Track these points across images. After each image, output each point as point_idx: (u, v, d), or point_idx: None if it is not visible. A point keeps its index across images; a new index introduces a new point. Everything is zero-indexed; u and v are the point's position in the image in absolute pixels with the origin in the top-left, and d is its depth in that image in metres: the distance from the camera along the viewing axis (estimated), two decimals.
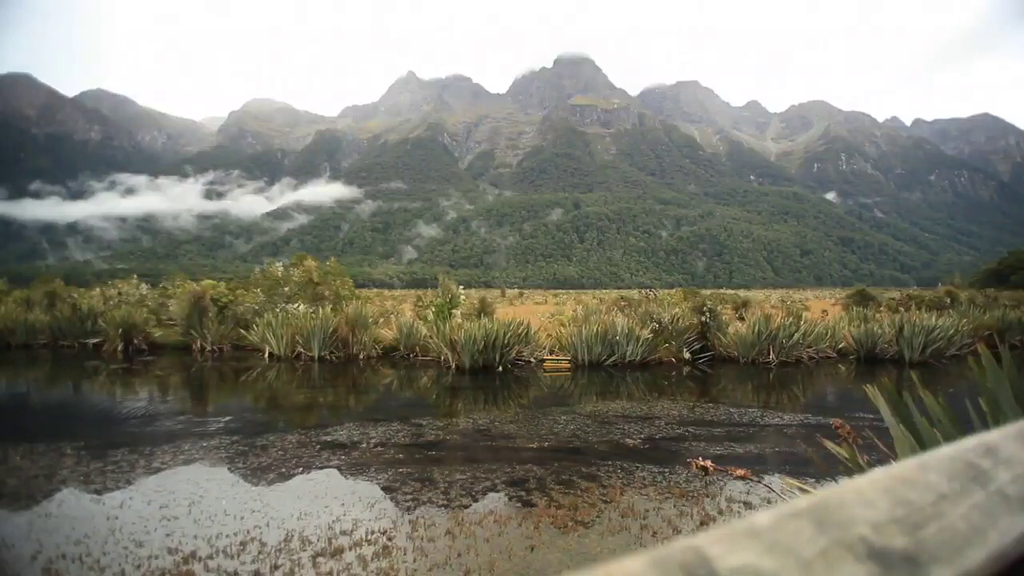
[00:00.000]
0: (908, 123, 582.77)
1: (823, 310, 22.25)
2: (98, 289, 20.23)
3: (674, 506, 4.54)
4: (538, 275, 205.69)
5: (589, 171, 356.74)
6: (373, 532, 3.98)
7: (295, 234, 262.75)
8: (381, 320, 15.85)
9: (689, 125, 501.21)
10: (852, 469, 2.03)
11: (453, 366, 12.31)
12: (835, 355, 14.44)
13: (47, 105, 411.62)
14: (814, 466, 5.45)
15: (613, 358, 12.86)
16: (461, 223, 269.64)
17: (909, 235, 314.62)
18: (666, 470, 5.48)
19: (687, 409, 8.41)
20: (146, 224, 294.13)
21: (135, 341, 15.75)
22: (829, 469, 4.77)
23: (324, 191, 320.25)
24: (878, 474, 0.45)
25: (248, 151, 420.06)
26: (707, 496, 4.79)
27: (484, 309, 15.93)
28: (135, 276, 22.22)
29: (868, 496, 0.42)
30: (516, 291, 79.28)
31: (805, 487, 2.05)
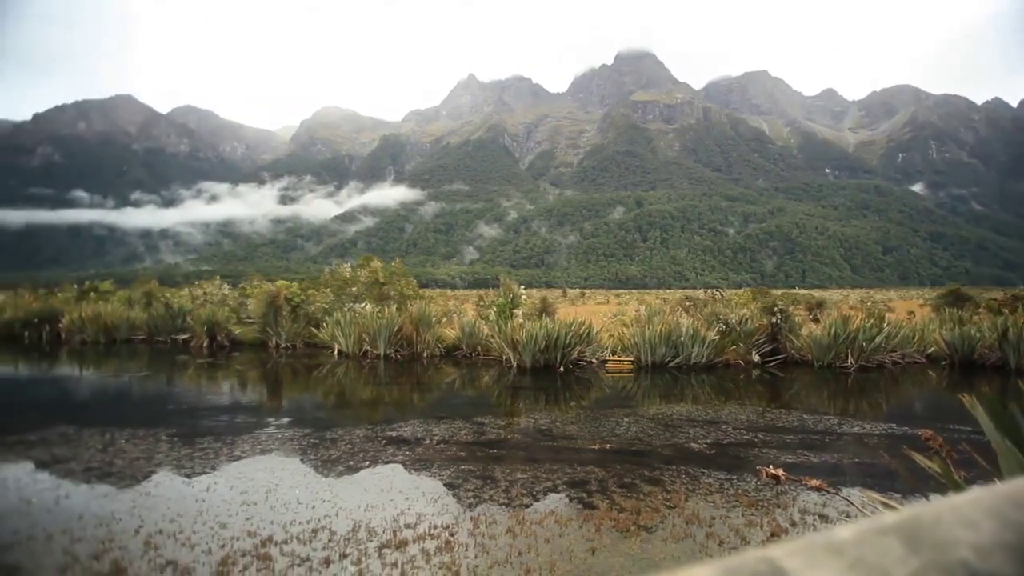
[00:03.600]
0: (1014, 103, 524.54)
1: (909, 311, 20.69)
2: (186, 289, 21.90)
3: (742, 515, 4.35)
4: (600, 275, 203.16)
5: (651, 168, 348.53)
6: (436, 527, 4.07)
7: (362, 236, 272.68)
8: (444, 319, 16.17)
9: (757, 118, 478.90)
10: (946, 486, 1.87)
11: (514, 365, 12.38)
12: (924, 360, 13.37)
13: (145, 122, 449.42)
14: (900, 480, 5.08)
15: (677, 360, 12.51)
16: (522, 223, 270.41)
17: (1015, 229, 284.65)
18: (733, 477, 5.26)
19: (756, 414, 8.05)
20: (226, 229, 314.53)
21: (218, 338, 16.89)
22: (918, 484, 4.43)
23: (389, 194, 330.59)
24: (980, 493, 0.40)
25: (318, 157, 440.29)
26: (778, 506, 4.56)
27: (545, 309, 15.92)
28: (217, 277, 23.85)
29: (969, 516, 0.37)
30: (577, 291, 78.70)
31: (890, 502, 1.90)
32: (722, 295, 17.84)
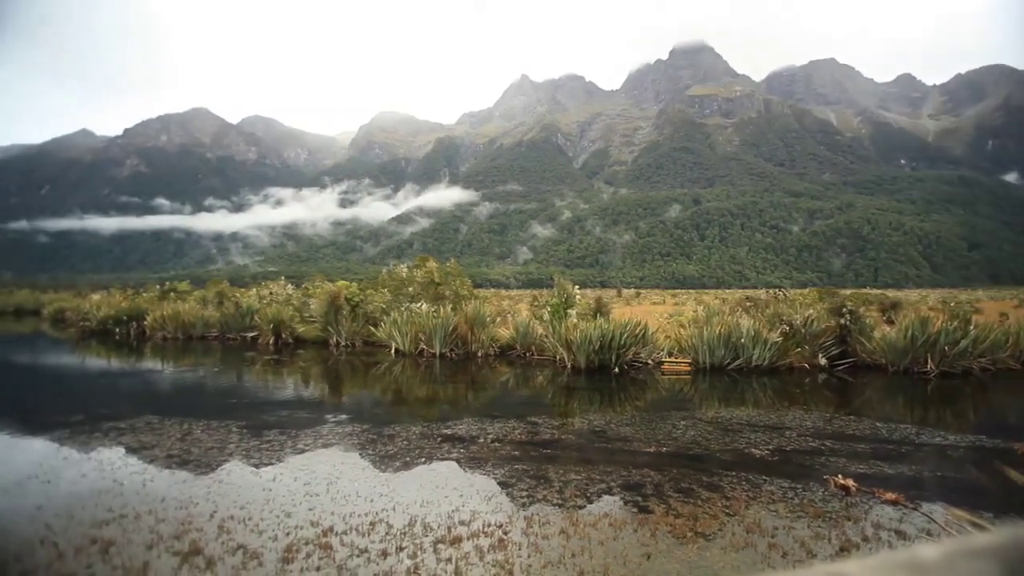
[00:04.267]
0: None
1: (1002, 313, 19.07)
2: (254, 290, 23.12)
3: (808, 526, 4.15)
4: (656, 274, 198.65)
5: (709, 164, 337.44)
6: (490, 525, 4.11)
7: (417, 237, 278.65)
8: (498, 319, 16.29)
9: (824, 108, 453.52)
10: None
11: (568, 366, 12.32)
12: (1020, 367, 12.27)
13: (217, 132, 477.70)
14: (990, 497, 4.70)
15: (737, 362, 12.06)
16: (576, 223, 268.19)
17: None
18: (798, 486, 5.02)
19: (823, 420, 7.64)
20: (290, 231, 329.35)
21: (283, 335, 17.72)
22: (1012, 503, 4.08)
23: (444, 195, 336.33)
24: None
25: (376, 161, 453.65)
26: (848, 519, 4.31)
27: (600, 309, 15.74)
28: (282, 278, 25.08)
29: None
30: (633, 291, 77.39)
31: (980, 522, 1.74)
32: (785, 295, 17.07)
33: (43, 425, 7.25)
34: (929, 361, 11.54)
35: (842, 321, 13.00)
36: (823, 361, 12.28)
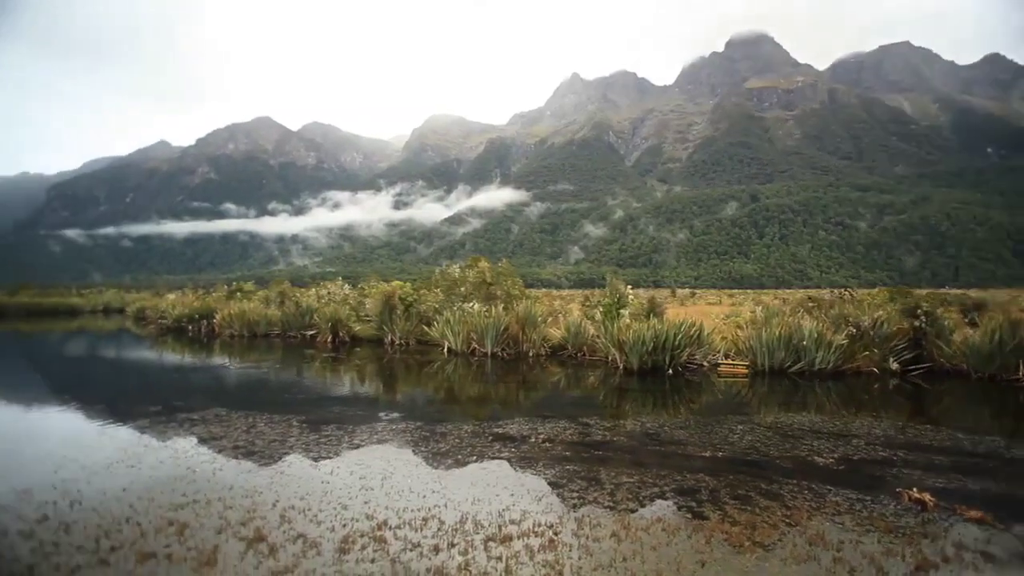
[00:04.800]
0: None
1: None
2: (313, 290, 24.08)
3: (878, 541, 3.91)
4: (711, 274, 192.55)
5: (768, 160, 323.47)
6: (540, 525, 4.11)
7: (469, 238, 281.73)
8: (549, 319, 16.25)
9: (897, 96, 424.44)
10: None
11: (621, 367, 12.14)
12: None
13: (279, 139, 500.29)
14: None
15: (799, 365, 11.52)
16: (628, 221, 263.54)
17: None
18: (867, 498, 4.74)
19: (895, 429, 7.19)
20: (346, 233, 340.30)
21: (340, 334, 18.35)
22: None
23: (495, 196, 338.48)
24: None
25: (429, 163, 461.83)
26: (925, 536, 4.03)
27: (653, 309, 15.42)
28: (339, 278, 25.98)
29: None
30: (687, 291, 75.47)
31: None
32: (851, 295, 16.16)
33: (128, 414, 7.81)
34: (1021, 367, 10.62)
35: (916, 323, 12.18)
36: (894, 366, 11.55)
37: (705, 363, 12.39)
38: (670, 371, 11.64)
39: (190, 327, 22.56)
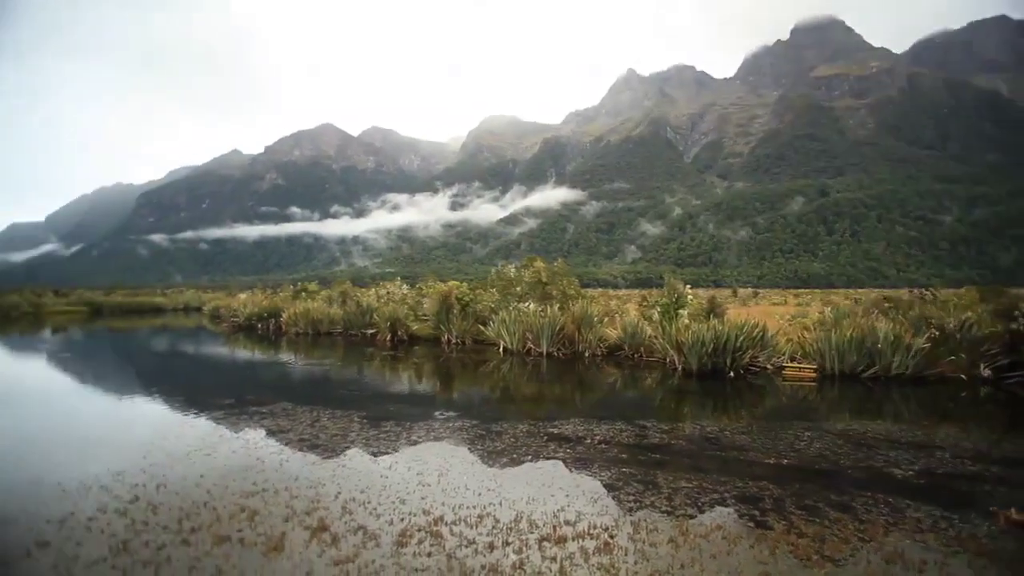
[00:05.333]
0: None
1: None
2: (373, 290, 24.85)
3: (968, 565, 3.60)
4: (775, 273, 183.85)
5: (838, 152, 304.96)
6: (595, 527, 4.06)
7: (525, 238, 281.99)
8: (606, 319, 16.06)
9: (991, 76, 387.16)
10: None
11: (679, 368, 11.83)
12: None
13: (341, 144, 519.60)
14: None
15: (873, 370, 10.82)
16: (687, 219, 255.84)
17: None
18: (954, 516, 4.39)
19: (988, 442, 6.63)
20: (404, 234, 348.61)
21: (399, 332, 18.84)
22: None
23: (551, 195, 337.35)
24: None
25: (484, 164, 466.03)
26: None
27: (713, 309, 14.94)
28: (398, 278, 26.68)
29: None
30: (750, 290, 72.65)
31: None
32: (934, 295, 15.06)
33: (205, 406, 8.35)
34: None
35: (1013, 326, 11.16)
36: (986, 372, 10.63)
37: (769, 366, 11.87)
38: (731, 374, 11.23)
39: (259, 325, 23.84)
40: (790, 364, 11.84)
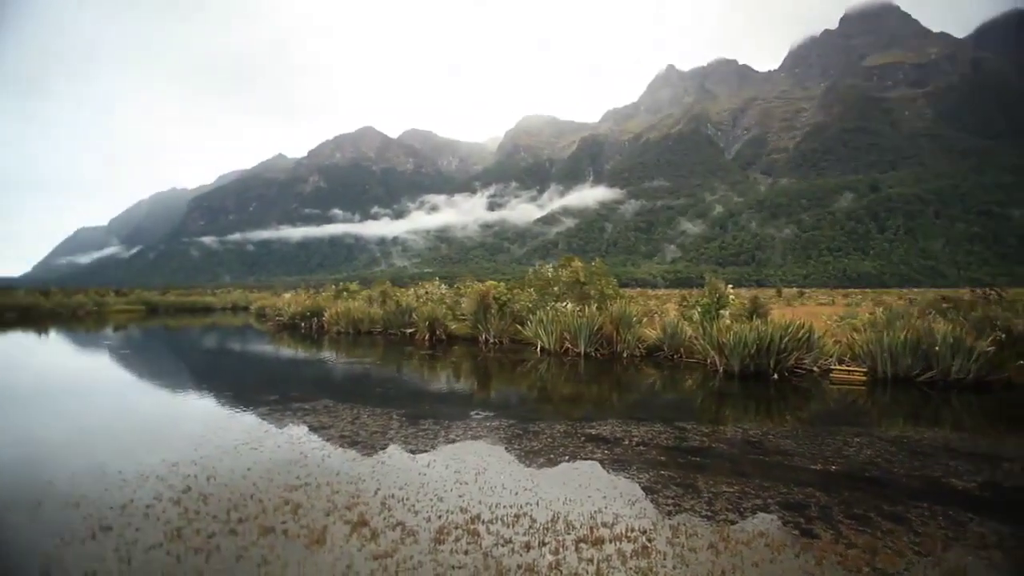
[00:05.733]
0: None
1: None
2: (412, 289, 25.25)
3: None
4: (822, 272, 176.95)
5: (891, 145, 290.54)
6: (633, 530, 4.01)
7: (562, 237, 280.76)
8: (644, 319, 15.85)
9: None
10: None
11: (720, 370, 11.56)
12: None
13: (381, 147, 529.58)
14: None
15: (930, 374, 10.28)
16: (728, 218, 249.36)
17: None
18: None
19: None
20: (443, 234, 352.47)
21: (437, 332, 19.07)
22: None
23: (588, 195, 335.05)
24: None
25: (521, 164, 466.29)
26: None
27: (756, 310, 14.53)
28: (436, 278, 27.01)
29: None
30: (795, 290, 70.30)
31: None
32: (999, 295, 14.20)
33: (251, 401, 8.67)
34: None
35: None
36: None
37: (815, 368, 11.46)
38: (775, 376, 10.89)
39: (303, 324, 24.56)
40: (838, 367, 11.39)
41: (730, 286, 15.28)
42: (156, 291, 58.75)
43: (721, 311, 13.83)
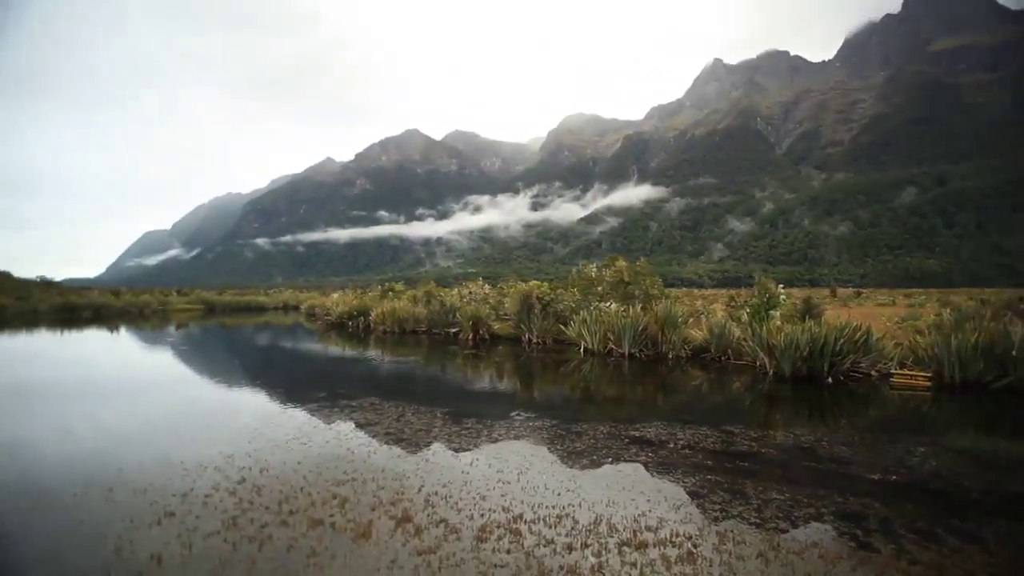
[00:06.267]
0: None
1: None
2: (456, 290, 25.55)
3: None
4: (882, 271, 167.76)
5: (960, 134, 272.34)
6: (678, 535, 3.92)
7: (606, 237, 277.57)
8: (691, 320, 15.50)
9: None
10: None
11: (770, 372, 11.16)
12: None
13: (425, 149, 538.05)
14: None
15: (1005, 380, 9.59)
16: (779, 215, 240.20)
17: None
18: None
19: None
20: (486, 235, 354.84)
21: (480, 332, 19.21)
22: None
23: (632, 193, 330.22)
24: None
25: (565, 163, 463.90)
26: None
27: (809, 310, 13.96)
28: (480, 279, 27.24)
29: None
30: (851, 290, 67.19)
31: None
32: None
33: (301, 398, 8.98)
34: None
35: None
36: None
37: (874, 372, 10.91)
38: (829, 379, 10.43)
39: (350, 323, 25.25)
40: (899, 371, 10.79)
41: (781, 286, 14.75)
42: (214, 291, 61.79)
43: (771, 312, 13.36)
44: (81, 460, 5.64)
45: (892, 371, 10.83)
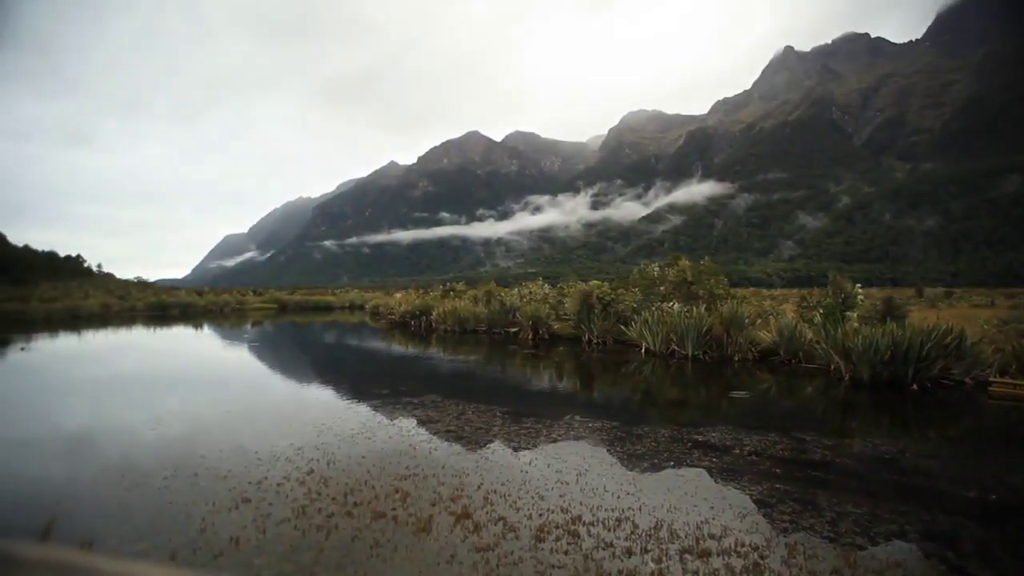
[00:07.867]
0: None
1: None
2: (515, 289, 25.66)
3: None
4: (978, 268, 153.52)
5: None
6: (743, 544, 3.76)
7: (669, 235, 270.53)
8: (758, 321, 14.86)
9: None
10: None
11: (846, 377, 10.50)
12: None
13: (486, 150, 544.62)
14: None
15: None
16: (856, 209, 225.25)
17: None
18: None
19: None
20: (545, 235, 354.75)
21: (540, 331, 19.21)
22: None
23: (696, 190, 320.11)
24: None
25: (626, 161, 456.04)
26: None
27: (891, 311, 13.01)
28: (540, 278, 27.22)
29: None
30: (940, 290, 62.07)
31: None
32: None
33: (366, 394, 9.31)
34: None
35: None
36: None
37: (968, 379, 10.02)
38: (914, 386, 9.68)
39: (412, 322, 25.93)
40: (999, 379, 9.85)
41: (858, 285, 13.82)
42: (285, 291, 65.37)
43: (847, 312, 12.55)
44: (171, 446, 6.11)
45: (991, 379, 9.91)
